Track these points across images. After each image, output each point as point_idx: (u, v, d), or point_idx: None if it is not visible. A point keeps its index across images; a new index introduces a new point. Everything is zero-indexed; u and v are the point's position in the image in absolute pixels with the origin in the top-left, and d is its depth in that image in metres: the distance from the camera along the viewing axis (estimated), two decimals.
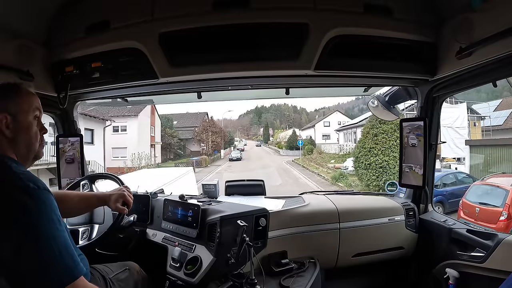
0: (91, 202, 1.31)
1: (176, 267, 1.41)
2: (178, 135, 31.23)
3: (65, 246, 0.83)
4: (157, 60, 1.46)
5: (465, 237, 1.65)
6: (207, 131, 33.75)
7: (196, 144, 32.86)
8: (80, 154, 1.97)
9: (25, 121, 0.94)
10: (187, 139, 32.85)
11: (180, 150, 30.98)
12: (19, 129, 0.93)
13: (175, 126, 33.52)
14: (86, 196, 1.34)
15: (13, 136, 0.91)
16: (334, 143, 32.18)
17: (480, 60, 1.29)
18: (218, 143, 34.82)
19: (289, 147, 35.39)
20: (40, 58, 1.55)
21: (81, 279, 0.84)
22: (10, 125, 0.90)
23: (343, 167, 17.24)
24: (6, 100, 0.91)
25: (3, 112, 0.89)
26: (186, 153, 31.65)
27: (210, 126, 34.98)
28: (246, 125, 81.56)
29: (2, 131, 0.89)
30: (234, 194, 2.13)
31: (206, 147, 33.19)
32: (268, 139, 58.47)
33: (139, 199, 1.84)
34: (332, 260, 1.86)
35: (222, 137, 36.79)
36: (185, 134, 32.75)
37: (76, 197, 1.29)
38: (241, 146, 47.92)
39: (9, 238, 0.77)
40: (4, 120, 0.89)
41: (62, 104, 1.66)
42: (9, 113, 0.90)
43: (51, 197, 0.85)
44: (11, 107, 0.91)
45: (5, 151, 0.90)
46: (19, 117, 0.93)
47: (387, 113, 2.05)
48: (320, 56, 1.41)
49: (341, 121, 37.69)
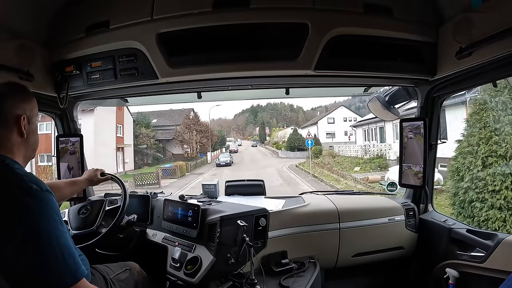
0: (78, 184, 1.51)
1: (176, 267, 1.41)
2: (157, 136, 26.42)
3: (67, 248, 0.83)
4: (157, 60, 1.46)
5: (465, 237, 1.65)
6: (191, 130, 28.26)
7: (178, 146, 27.61)
8: (80, 154, 1.97)
9: (35, 123, 1.00)
10: (168, 140, 27.62)
11: (160, 153, 26.26)
12: (31, 131, 0.98)
13: (154, 124, 27.86)
14: (72, 180, 1.54)
15: (27, 137, 0.96)
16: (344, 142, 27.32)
17: (480, 60, 1.29)
18: (204, 144, 29.41)
19: (290, 148, 29.61)
20: (40, 58, 1.54)
21: (83, 281, 0.84)
22: (25, 126, 0.95)
23: (382, 180, 11.66)
24: (23, 103, 0.96)
25: (23, 114, 0.95)
26: (167, 157, 26.67)
27: (194, 124, 28.94)
28: (242, 125, 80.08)
29: (21, 131, 0.94)
30: (234, 194, 2.13)
31: (190, 149, 27.99)
32: (265, 139, 52.75)
33: (139, 199, 1.84)
34: (332, 260, 1.86)
35: (209, 137, 30.53)
36: (167, 134, 27.67)
37: (63, 183, 1.46)
38: (235, 147, 41.06)
39: (12, 238, 0.78)
40: (23, 122, 0.94)
41: (62, 104, 1.66)
42: (26, 115, 0.96)
43: (53, 199, 0.86)
44: (27, 109, 0.97)
45: (16, 151, 0.93)
46: (31, 119, 0.98)
47: (387, 113, 2.05)
48: (320, 56, 1.42)
49: (347, 117, 33.49)
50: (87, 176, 1.54)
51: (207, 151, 29.33)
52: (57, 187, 1.39)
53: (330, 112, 37.19)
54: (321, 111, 49.31)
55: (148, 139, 24.83)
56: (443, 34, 1.45)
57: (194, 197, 1.89)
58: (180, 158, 25.48)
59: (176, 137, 27.33)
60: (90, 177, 1.53)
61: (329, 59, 1.43)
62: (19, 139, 0.94)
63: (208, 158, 28.05)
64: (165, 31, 1.41)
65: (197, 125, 29.30)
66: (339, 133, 32.03)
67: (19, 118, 0.93)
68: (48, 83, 1.62)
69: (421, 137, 1.78)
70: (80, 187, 1.54)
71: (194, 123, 29.00)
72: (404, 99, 2.01)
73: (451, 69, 1.46)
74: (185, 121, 28.42)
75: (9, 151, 0.91)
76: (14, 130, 0.92)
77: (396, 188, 2.17)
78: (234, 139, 59.00)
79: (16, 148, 0.93)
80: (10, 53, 1.37)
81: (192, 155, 27.26)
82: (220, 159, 25.04)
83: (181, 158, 25.54)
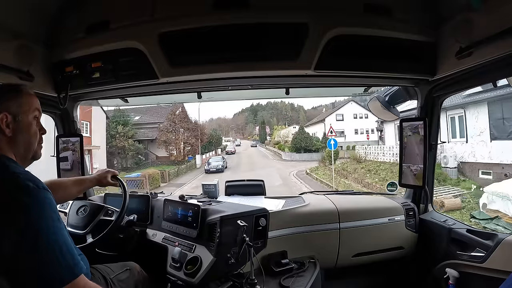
0: (84, 184, 1.45)
1: (176, 267, 1.41)
2: (137, 135, 22.10)
3: (65, 244, 0.83)
4: (157, 60, 1.46)
5: (465, 237, 1.65)
6: (176, 128, 23.43)
7: (162, 147, 23.00)
8: (80, 154, 1.97)
9: (25, 121, 0.97)
10: (152, 140, 23.00)
11: (142, 156, 22.25)
12: (19, 129, 0.95)
13: (136, 122, 23.21)
14: (79, 179, 1.46)
15: (12, 135, 0.93)
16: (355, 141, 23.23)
17: (480, 60, 1.29)
18: (192, 144, 24.55)
19: (295, 149, 25.10)
20: (40, 58, 1.54)
21: (82, 277, 0.84)
22: (10, 124, 0.93)
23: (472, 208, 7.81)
24: (7, 101, 0.94)
25: (4, 112, 0.92)
26: (149, 160, 22.55)
27: (181, 121, 24.11)
28: (241, 124, 78.80)
29: (2, 130, 0.91)
30: (234, 194, 2.13)
31: (176, 151, 23.25)
32: (265, 139, 49.40)
33: (139, 199, 1.84)
34: (332, 260, 1.86)
35: (199, 136, 25.37)
36: (150, 133, 23.34)
37: (69, 181, 1.41)
38: (231, 148, 36.60)
39: (9, 236, 0.78)
40: (4, 119, 0.92)
41: (62, 104, 1.66)
42: (9, 112, 0.93)
43: (50, 196, 0.86)
44: (12, 107, 0.94)
45: (4, 150, 0.92)
46: (19, 117, 0.95)
47: (387, 113, 2.05)
48: (320, 56, 1.42)
49: (357, 114, 29.42)
50: (97, 176, 1.48)
51: (197, 153, 24.44)
52: (64, 186, 1.36)
53: (338, 108, 32.27)
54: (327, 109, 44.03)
55: (125, 140, 20.44)
56: (443, 34, 1.45)
57: (194, 197, 1.89)
58: (166, 161, 22.11)
59: (158, 137, 22.80)
60: (100, 177, 1.48)
61: (329, 59, 1.43)
62: (4, 138, 0.92)
63: (197, 162, 23.07)
64: (165, 31, 1.41)
65: (184, 122, 24.40)
66: (349, 131, 28.01)
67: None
68: (48, 83, 1.62)
69: (418, 135, 1.79)
70: (87, 186, 1.49)
71: (181, 120, 24.14)
72: (404, 99, 2.02)
73: (451, 69, 1.46)
74: (169, 117, 23.49)
75: (2, 150, 0.91)
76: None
77: (396, 188, 2.17)
78: (233, 138, 56.95)
79: (4, 147, 0.92)
80: (10, 53, 1.37)
81: (179, 158, 22.89)
82: (212, 163, 20.57)
83: (167, 161, 22.14)
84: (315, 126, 31.92)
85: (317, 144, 24.95)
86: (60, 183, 1.39)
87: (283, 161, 24.09)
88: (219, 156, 26.09)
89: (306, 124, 36.11)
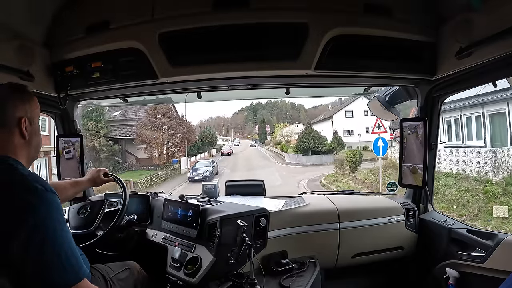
0: (80, 185, 1.50)
1: (176, 267, 1.41)
2: (112, 134, 18.63)
3: (71, 248, 0.84)
4: (157, 60, 1.46)
5: (465, 237, 1.65)
6: (157, 125, 19.52)
7: (141, 149, 19.49)
8: (80, 154, 1.97)
9: (36, 124, 1.00)
10: (132, 139, 19.30)
11: (118, 158, 18.73)
12: (33, 132, 0.98)
13: (114, 118, 19.44)
14: (74, 181, 1.50)
15: (29, 138, 0.95)
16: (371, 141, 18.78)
17: (480, 60, 1.29)
18: (177, 145, 20.36)
19: (302, 150, 20.82)
20: (40, 58, 1.54)
21: (85, 281, 0.85)
22: (27, 128, 0.94)
23: None
24: (24, 104, 0.95)
25: (24, 116, 0.94)
26: (127, 163, 19.07)
27: (164, 116, 20.04)
28: (241, 123, 77.64)
29: (23, 134, 0.93)
30: (234, 194, 2.13)
31: (157, 152, 19.51)
32: (265, 138, 44.88)
33: (139, 199, 1.84)
34: (332, 260, 1.86)
35: (185, 134, 21.04)
36: (129, 132, 19.74)
37: (66, 183, 1.45)
38: (228, 148, 31.21)
39: (17, 237, 0.78)
40: (24, 124, 0.93)
41: (62, 104, 1.66)
42: (27, 117, 0.95)
43: (57, 199, 0.87)
44: (28, 111, 0.96)
45: (17, 153, 0.93)
46: (33, 120, 0.98)
47: (387, 113, 2.05)
48: (320, 56, 1.42)
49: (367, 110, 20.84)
50: (90, 177, 1.52)
51: (183, 155, 20.33)
52: (62, 188, 1.38)
53: (346, 104, 27.79)
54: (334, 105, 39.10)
55: (96, 139, 16.91)
56: (443, 34, 1.45)
57: (194, 197, 1.89)
58: (148, 164, 18.89)
59: (136, 136, 19.02)
60: (93, 178, 1.51)
61: (329, 59, 1.43)
62: (22, 141, 0.93)
63: (182, 166, 19.03)
64: (165, 31, 1.41)
65: (167, 117, 20.22)
66: (359, 129, 24.51)
67: (20, 120, 0.92)
68: (48, 83, 1.62)
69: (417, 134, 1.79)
70: (82, 188, 1.53)
71: (164, 114, 20.05)
72: (404, 99, 2.02)
73: (451, 69, 1.46)
74: (149, 111, 19.46)
75: (12, 152, 0.91)
76: (16, 133, 0.92)
77: (396, 188, 2.18)
78: (232, 138, 55.28)
79: (19, 149, 0.93)
80: (10, 53, 1.37)
81: (161, 161, 19.31)
82: (197, 170, 16.28)
83: (150, 164, 18.93)
84: (322, 124, 27.86)
85: (328, 144, 21.09)
86: (58, 185, 1.40)
87: (287, 165, 20.16)
88: (208, 160, 20.54)
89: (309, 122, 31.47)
